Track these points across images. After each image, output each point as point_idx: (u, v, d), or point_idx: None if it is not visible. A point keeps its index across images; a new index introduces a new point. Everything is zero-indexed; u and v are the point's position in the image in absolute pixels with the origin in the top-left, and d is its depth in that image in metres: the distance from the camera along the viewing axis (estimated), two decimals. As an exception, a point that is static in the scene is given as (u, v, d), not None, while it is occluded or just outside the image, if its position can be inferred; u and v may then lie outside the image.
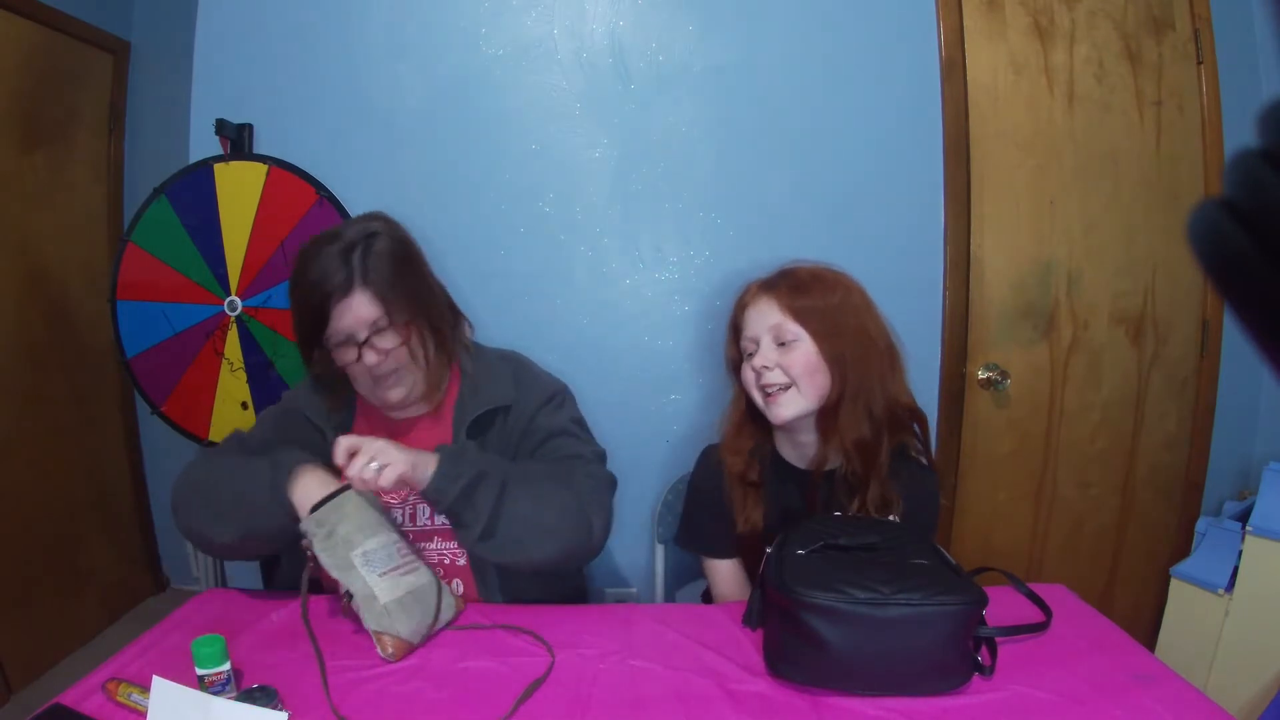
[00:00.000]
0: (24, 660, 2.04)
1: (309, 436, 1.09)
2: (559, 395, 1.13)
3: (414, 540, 1.06)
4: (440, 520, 1.05)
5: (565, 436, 1.09)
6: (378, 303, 0.97)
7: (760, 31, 1.51)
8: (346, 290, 0.96)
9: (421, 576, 0.95)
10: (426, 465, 0.93)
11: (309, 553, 0.92)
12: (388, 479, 0.88)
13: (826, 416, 1.05)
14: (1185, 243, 0.22)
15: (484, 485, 0.94)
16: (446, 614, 0.96)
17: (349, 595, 0.91)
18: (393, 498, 1.08)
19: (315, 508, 0.92)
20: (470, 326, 1.17)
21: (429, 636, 0.93)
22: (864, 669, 0.82)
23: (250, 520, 0.96)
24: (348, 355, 0.99)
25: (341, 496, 0.94)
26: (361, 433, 1.06)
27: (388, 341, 0.99)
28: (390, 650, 0.88)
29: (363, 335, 0.97)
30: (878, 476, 1.06)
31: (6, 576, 2.01)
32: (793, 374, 1.03)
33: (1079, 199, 1.62)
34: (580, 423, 1.14)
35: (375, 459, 0.89)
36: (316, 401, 1.11)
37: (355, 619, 0.92)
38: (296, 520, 0.93)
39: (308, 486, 0.94)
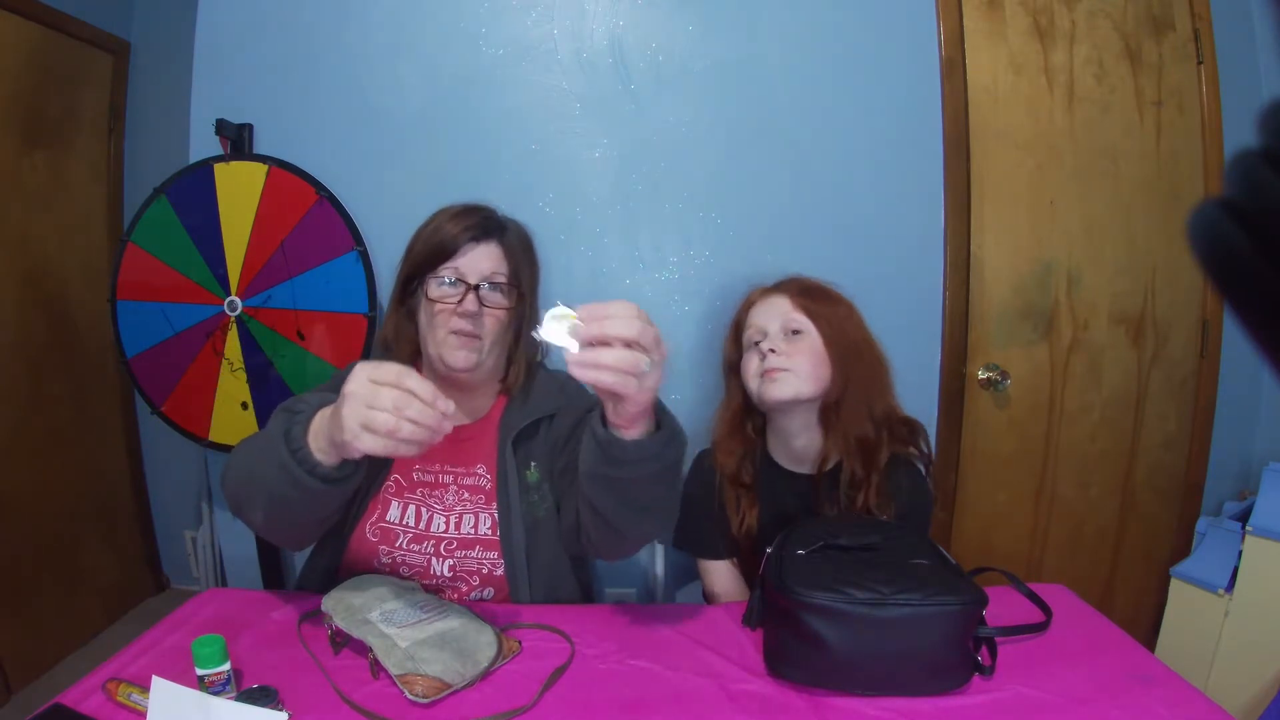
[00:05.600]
0: (24, 660, 2.04)
1: None
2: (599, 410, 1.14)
3: (458, 547, 1.04)
4: (483, 530, 1.05)
5: None
6: (504, 260, 1.02)
7: (760, 31, 1.51)
8: (483, 237, 1.01)
9: (451, 621, 0.88)
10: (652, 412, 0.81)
11: (329, 626, 0.89)
12: (624, 361, 0.70)
13: (829, 412, 1.07)
14: (1185, 243, 0.22)
15: (676, 470, 0.85)
16: (487, 651, 0.85)
17: (370, 652, 0.83)
18: (436, 503, 1.07)
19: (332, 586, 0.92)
20: (544, 350, 1.17)
21: (475, 680, 0.82)
22: (864, 669, 0.82)
23: (267, 488, 0.82)
24: (452, 294, 0.99)
25: (357, 578, 0.94)
26: None
27: (494, 299, 1.01)
28: (419, 689, 0.78)
29: (474, 279, 0.99)
30: (878, 472, 1.07)
31: (6, 576, 2.01)
32: (796, 358, 1.05)
33: (1079, 199, 1.62)
34: None
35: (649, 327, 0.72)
36: None
37: (384, 676, 0.82)
38: (323, 479, 0.79)
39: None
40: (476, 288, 0.99)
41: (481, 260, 1.01)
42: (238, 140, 1.49)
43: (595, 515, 0.89)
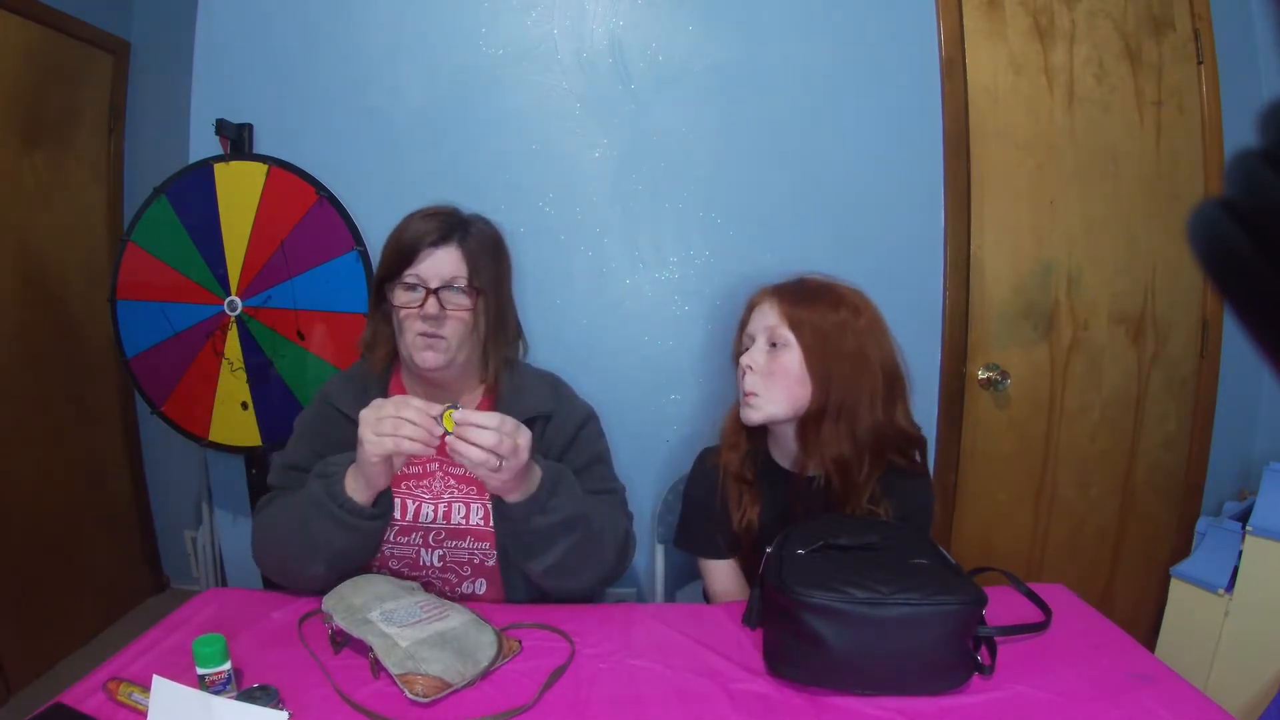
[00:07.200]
0: (24, 660, 2.04)
1: (344, 431, 1.07)
2: (595, 419, 1.17)
3: (447, 538, 1.05)
4: (475, 520, 1.06)
5: (602, 465, 1.15)
6: (463, 262, 1.03)
7: (760, 31, 1.51)
8: (441, 241, 1.03)
9: (452, 621, 0.89)
10: (531, 481, 0.94)
11: (329, 625, 0.90)
12: (477, 456, 0.86)
13: (806, 427, 1.05)
14: (1185, 243, 0.22)
15: (568, 530, 0.97)
16: (487, 651, 0.86)
17: (371, 652, 0.83)
18: (424, 491, 1.07)
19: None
20: (525, 347, 1.19)
21: (476, 679, 0.84)
22: (863, 668, 0.82)
23: (330, 545, 0.96)
24: (414, 297, 1.01)
25: (357, 578, 0.95)
26: None
27: (456, 300, 1.03)
28: (420, 689, 0.78)
29: (434, 284, 1.01)
30: (857, 495, 1.05)
31: (6, 576, 2.01)
32: (770, 379, 1.04)
33: (1079, 199, 1.63)
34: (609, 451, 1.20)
35: (508, 439, 0.87)
36: (349, 392, 1.10)
37: (385, 675, 0.83)
38: (370, 518, 0.95)
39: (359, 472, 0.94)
40: (437, 291, 1.01)
41: (442, 264, 1.02)
42: (238, 140, 1.49)
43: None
